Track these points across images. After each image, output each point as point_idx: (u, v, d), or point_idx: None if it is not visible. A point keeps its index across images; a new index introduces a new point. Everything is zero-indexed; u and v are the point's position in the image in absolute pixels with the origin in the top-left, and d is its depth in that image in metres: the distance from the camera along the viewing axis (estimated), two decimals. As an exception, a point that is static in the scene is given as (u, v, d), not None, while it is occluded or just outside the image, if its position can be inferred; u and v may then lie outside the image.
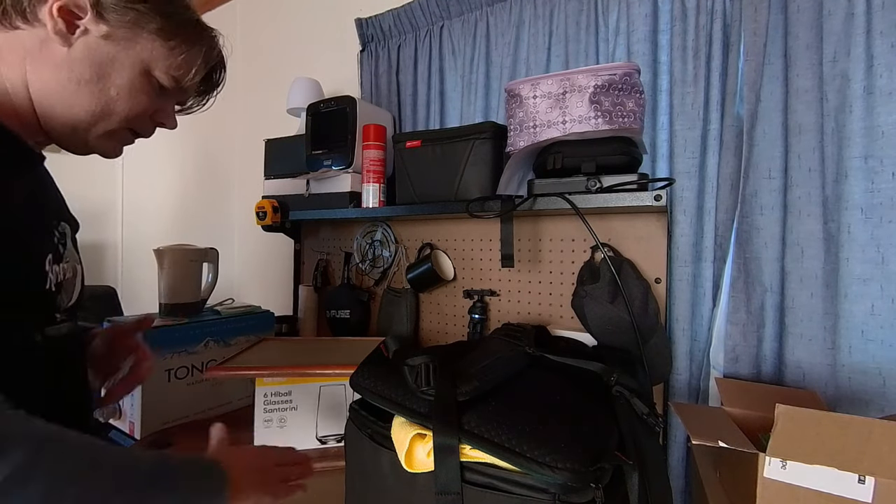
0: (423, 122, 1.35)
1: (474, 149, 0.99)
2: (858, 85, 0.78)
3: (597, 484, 0.44)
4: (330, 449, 0.84)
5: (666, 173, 0.98)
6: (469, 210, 0.93)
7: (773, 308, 0.86)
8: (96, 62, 0.50)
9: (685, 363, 0.92)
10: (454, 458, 0.49)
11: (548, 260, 1.03)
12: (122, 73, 0.51)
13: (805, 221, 0.83)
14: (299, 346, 1.01)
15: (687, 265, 0.92)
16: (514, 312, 1.08)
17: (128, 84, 0.52)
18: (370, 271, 1.29)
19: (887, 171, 0.76)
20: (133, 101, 0.53)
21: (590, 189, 0.82)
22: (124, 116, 0.53)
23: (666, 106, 0.98)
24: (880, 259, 0.77)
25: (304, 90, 1.50)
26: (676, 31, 0.96)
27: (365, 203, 1.15)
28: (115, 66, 0.51)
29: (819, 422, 0.50)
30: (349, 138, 1.18)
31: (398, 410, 0.55)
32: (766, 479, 0.52)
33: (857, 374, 0.78)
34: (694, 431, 0.58)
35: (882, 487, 0.47)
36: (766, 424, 0.57)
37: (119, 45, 0.50)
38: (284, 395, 0.83)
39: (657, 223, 0.92)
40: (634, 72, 0.82)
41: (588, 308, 0.89)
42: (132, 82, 0.52)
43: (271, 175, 1.41)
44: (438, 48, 1.32)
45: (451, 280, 1.16)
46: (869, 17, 0.77)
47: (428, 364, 0.55)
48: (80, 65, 0.50)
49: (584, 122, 0.82)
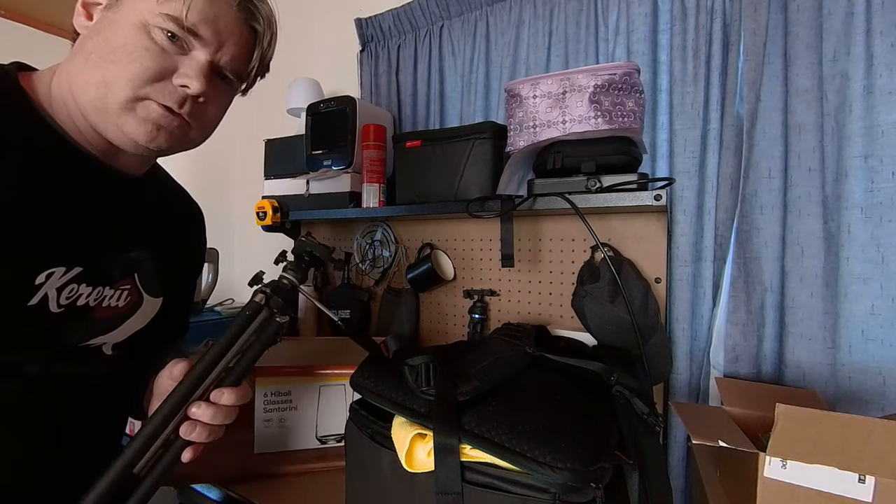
0: (423, 122, 1.35)
1: (474, 149, 0.99)
2: (858, 84, 0.78)
3: (597, 484, 0.44)
4: (330, 449, 0.84)
5: (666, 173, 0.98)
6: (469, 210, 0.93)
7: (773, 307, 0.86)
8: (102, 34, 0.48)
9: (685, 363, 0.92)
10: (454, 457, 0.49)
11: (548, 260, 1.03)
12: (119, 33, 0.47)
13: (805, 221, 0.83)
14: (299, 346, 1.01)
15: (687, 265, 0.92)
16: (514, 312, 1.08)
17: (122, 43, 0.47)
18: (370, 271, 1.29)
19: (887, 171, 0.76)
20: (132, 59, 0.47)
21: (590, 189, 0.82)
22: (129, 78, 0.47)
23: (666, 105, 0.98)
24: (880, 258, 0.77)
25: (304, 90, 1.50)
26: (676, 30, 0.96)
27: (365, 203, 1.15)
28: (112, 30, 0.48)
29: (819, 421, 0.50)
30: (349, 138, 1.18)
31: (398, 410, 0.55)
32: (767, 478, 0.52)
33: (857, 373, 0.78)
34: (694, 431, 0.58)
35: (882, 487, 0.47)
36: (766, 424, 0.57)
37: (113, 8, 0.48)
38: (284, 395, 0.83)
39: (657, 223, 0.92)
40: (634, 71, 0.82)
41: (588, 308, 0.89)
42: (126, 40, 0.47)
43: (271, 175, 1.41)
44: (438, 48, 1.32)
45: (451, 280, 1.16)
46: (869, 17, 0.77)
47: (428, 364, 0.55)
48: (92, 43, 0.48)
49: (584, 121, 0.82)
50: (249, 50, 0.56)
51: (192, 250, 0.72)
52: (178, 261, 0.64)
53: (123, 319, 0.55)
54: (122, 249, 0.54)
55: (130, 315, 0.56)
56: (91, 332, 0.52)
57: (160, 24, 0.47)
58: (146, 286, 0.57)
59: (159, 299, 0.60)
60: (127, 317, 0.55)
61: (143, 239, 0.57)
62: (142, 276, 0.57)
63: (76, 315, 0.50)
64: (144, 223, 0.58)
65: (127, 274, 0.55)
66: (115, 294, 0.53)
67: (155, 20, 0.47)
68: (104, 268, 0.52)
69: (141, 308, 0.57)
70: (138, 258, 0.56)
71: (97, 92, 0.48)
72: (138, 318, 0.57)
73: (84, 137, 0.51)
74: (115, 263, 0.53)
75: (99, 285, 0.51)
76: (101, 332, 0.53)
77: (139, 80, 0.47)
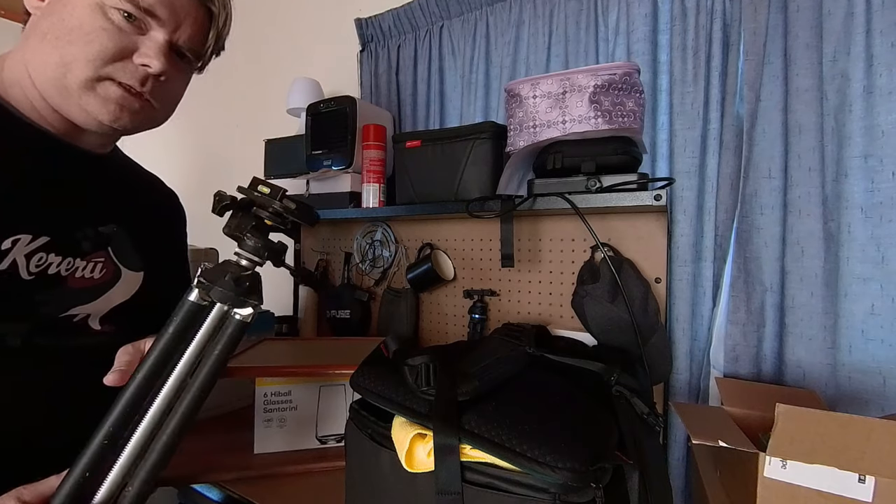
0: (423, 122, 1.35)
1: (474, 149, 0.99)
2: (858, 84, 0.78)
3: (597, 484, 0.44)
4: (330, 449, 0.84)
5: (666, 173, 0.98)
6: (469, 210, 0.93)
7: (773, 307, 0.86)
8: (54, 13, 0.48)
9: (685, 363, 0.92)
10: (454, 457, 0.49)
11: (548, 260, 1.03)
12: (74, 14, 0.48)
13: (805, 221, 0.83)
14: (299, 346, 1.01)
15: (687, 265, 0.92)
16: (514, 312, 1.08)
17: (77, 24, 0.48)
18: (370, 271, 1.29)
19: (887, 171, 0.76)
20: (89, 39, 0.48)
21: (590, 189, 0.82)
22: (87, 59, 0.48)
23: (666, 105, 0.98)
24: (880, 258, 0.77)
25: (304, 90, 1.50)
26: (676, 30, 0.96)
27: (365, 203, 1.15)
28: (68, 11, 0.48)
29: (819, 421, 0.50)
30: (349, 138, 1.18)
31: (398, 410, 0.55)
32: (767, 478, 0.52)
33: (857, 373, 0.78)
34: (694, 431, 0.58)
35: (882, 487, 0.47)
36: (766, 424, 0.57)
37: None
38: (284, 395, 0.83)
39: (657, 223, 0.92)
40: (634, 71, 0.82)
41: (588, 308, 0.89)
42: (82, 20, 0.48)
43: (271, 175, 1.41)
44: (438, 48, 1.32)
45: (451, 280, 1.16)
46: (869, 17, 0.77)
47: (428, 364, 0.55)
48: (47, 23, 0.48)
49: (583, 121, 0.82)
50: (206, 30, 0.57)
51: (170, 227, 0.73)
52: (156, 237, 0.65)
53: (102, 291, 0.56)
54: (91, 224, 0.55)
55: (109, 287, 0.56)
56: (68, 301, 0.52)
57: (116, 4, 0.48)
58: (122, 260, 0.58)
59: (140, 273, 0.61)
60: (105, 289, 0.56)
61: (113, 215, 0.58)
62: (115, 249, 0.58)
63: (49, 283, 0.50)
64: (112, 200, 0.59)
65: (99, 247, 0.56)
66: (87, 266, 0.54)
67: (111, 1, 0.48)
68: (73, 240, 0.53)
69: (120, 281, 0.58)
70: (108, 233, 0.57)
71: (55, 72, 0.48)
72: (119, 291, 0.58)
73: (43, 118, 0.51)
74: (83, 236, 0.54)
75: (69, 256, 0.52)
76: (79, 302, 0.53)
77: (98, 60, 0.48)
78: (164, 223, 0.71)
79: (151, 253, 0.64)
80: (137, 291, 0.61)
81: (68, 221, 0.53)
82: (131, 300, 0.60)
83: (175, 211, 0.75)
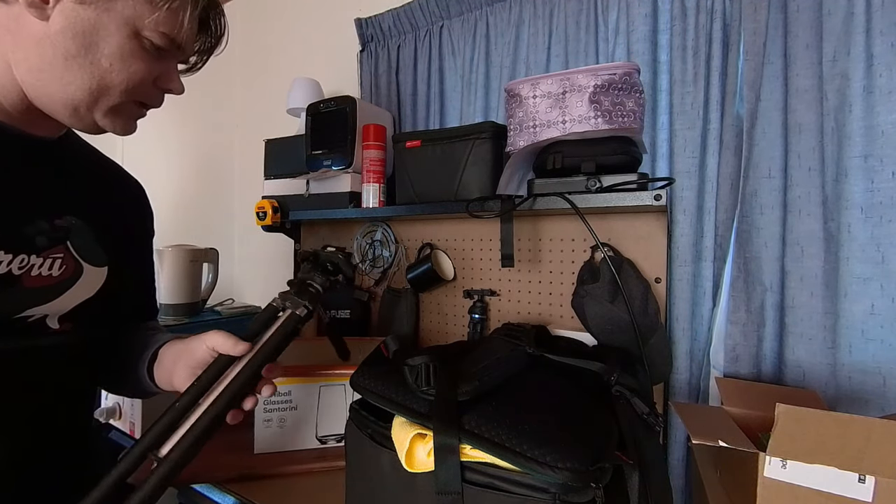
0: (423, 122, 1.35)
1: (474, 149, 0.99)
2: (858, 84, 0.78)
3: (597, 484, 0.44)
4: (330, 449, 0.84)
5: (666, 173, 0.98)
6: (469, 210, 0.93)
7: (773, 307, 0.86)
8: (79, 32, 0.46)
9: (685, 363, 0.92)
10: (454, 457, 0.49)
11: (548, 260, 1.03)
12: (109, 39, 0.47)
13: (805, 221, 0.83)
14: (299, 346, 1.01)
15: (687, 265, 0.92)
16: (514, 312, 1.08)
17: (118, 51, 0.47)
18: (370, 271, 1.29)
19: (887, 171, 0.76)
20: (129, 68, 0.48)
21: (590, 189, 0.82)
22: (124, 88, 0.49)
23: (666, 105, 0.98)
24: (880, 258, 0.77)
25: (304, 90, 1.50)
26: (676, 30, 0.96)
27: (365, 203, 1.15)
28: (100, 33, 0.46)
29: (819, 421, 0.50)
30: (349, 138, 1.18)
31: (398, 410, 0.55)
32: (767, 478, 0.52)
33: (857, 373, 0.78)
34: (694, 431, 0.58)
35: (882, 487, 0.47)
36: (766, 424, 0.57)
37: (97, 7, 0.46)
38: (284, 395, 0.83)
39: (657, 223, 0.92)
40: (634, 71, 0.82)
41: (588, 308, 0.89)
42: (122, 48, 0.47)
43: (271, 175, 1.41)
44: (438, 48, 1.32)
45: (451, 280, 1.16)
46: (869, 17, 0.77)
47: (428, 364, 0.55)
48: (63, 38, 0.45)
49: (583, 121, 0.82)
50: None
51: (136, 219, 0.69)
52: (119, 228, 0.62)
53: (62, 290, 0.52)
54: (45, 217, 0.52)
55: (70, 285, 0.53)
56: (23, 302, 0.49)
57: (152, 34, 0.49)
58: (84, 255, 0.55)
59: (103, 269, 0.57)
60: (66, 287, 0.53)
61: (70, 206, 0.55)
62: (76, 244, 0.54)
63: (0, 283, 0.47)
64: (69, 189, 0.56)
65: (56, 242, 0.52)
66: (44, 263, 0.50)
67: (148, 30, 0.48)
68: (24, 235, 0.49)
69: (82, 278, 0.54)
70: (66, 226, 0.53)
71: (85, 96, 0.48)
72: (81, 289, 0.54)
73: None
74: (36, 231, 0.50)
75: (21, 253, 0.48)
76: (35, 303, 0.50)
77: (133, 87, 0.50)
78: (129, 215, 0.66)
79: (115, 246, 0.60)
80: (101, 288, 0.57)
81: (15, 215, 0.49)
82: (94, 297, 0.56)
83: (142, 204, 0.71)
